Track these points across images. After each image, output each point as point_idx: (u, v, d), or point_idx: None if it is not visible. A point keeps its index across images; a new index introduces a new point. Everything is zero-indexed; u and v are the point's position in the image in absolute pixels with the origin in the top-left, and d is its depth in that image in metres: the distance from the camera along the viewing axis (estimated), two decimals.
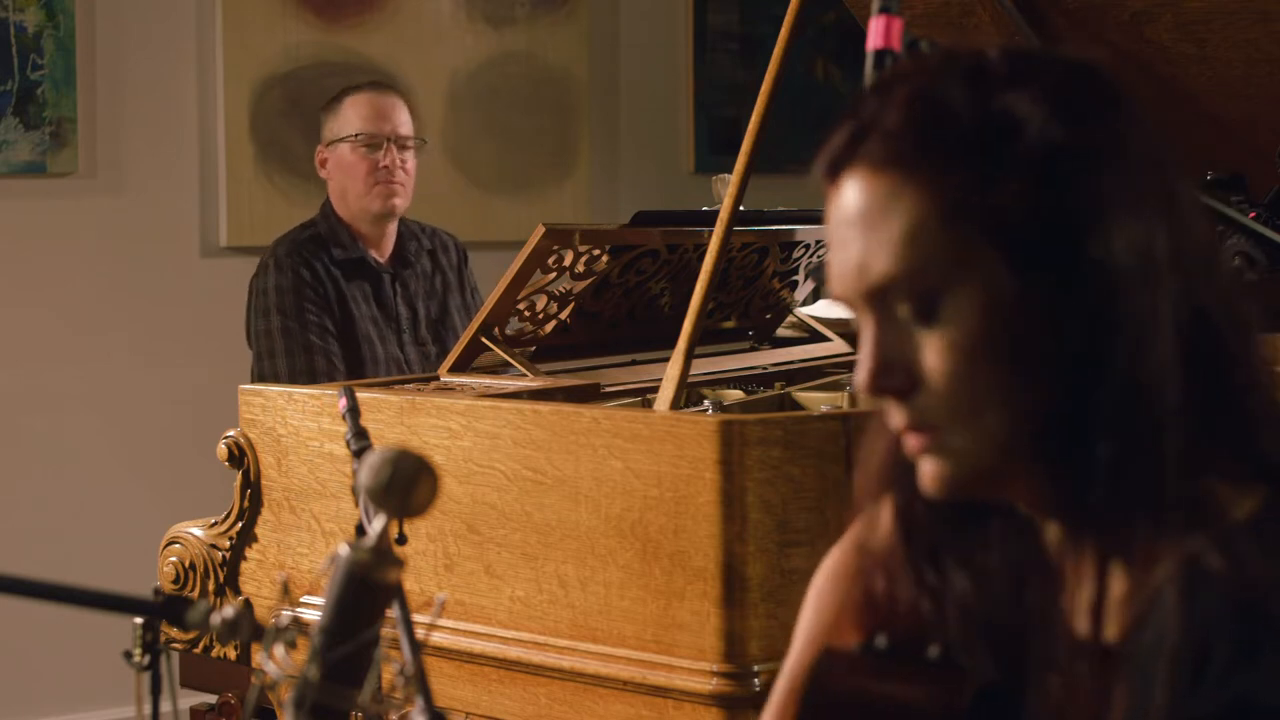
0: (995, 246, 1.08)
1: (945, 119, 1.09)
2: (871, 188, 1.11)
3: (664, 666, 2.28)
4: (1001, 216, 1.07)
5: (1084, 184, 1.08)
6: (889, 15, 1.58)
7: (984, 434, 1.10)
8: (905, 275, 1.10)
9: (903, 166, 1.10)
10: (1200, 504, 1.06)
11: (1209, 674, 1.00)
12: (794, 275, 3.40)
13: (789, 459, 2.25)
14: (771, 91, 2.55)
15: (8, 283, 4.46)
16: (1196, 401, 1.08)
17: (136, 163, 4.62)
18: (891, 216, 1.10)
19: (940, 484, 1.13)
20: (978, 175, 1.08)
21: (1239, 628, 1.00)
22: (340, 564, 1.20)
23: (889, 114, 1.11)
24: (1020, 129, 1.08)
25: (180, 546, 2.87)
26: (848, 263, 1.13)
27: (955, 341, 1.09)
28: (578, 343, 3.04)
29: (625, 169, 5.61)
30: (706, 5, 5.71)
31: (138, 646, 1.56)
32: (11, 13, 4.36)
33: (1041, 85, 1.10)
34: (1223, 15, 2.65)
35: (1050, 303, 1.07)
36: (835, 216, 1.15)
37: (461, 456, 2.48)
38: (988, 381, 1.09)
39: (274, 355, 3.58)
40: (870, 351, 1.12)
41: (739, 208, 2.57)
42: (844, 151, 1.13)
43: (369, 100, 3.74)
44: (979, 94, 1.10)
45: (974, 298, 1.08)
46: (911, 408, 1.11)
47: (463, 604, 2.49)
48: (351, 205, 3.71)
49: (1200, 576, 1.03)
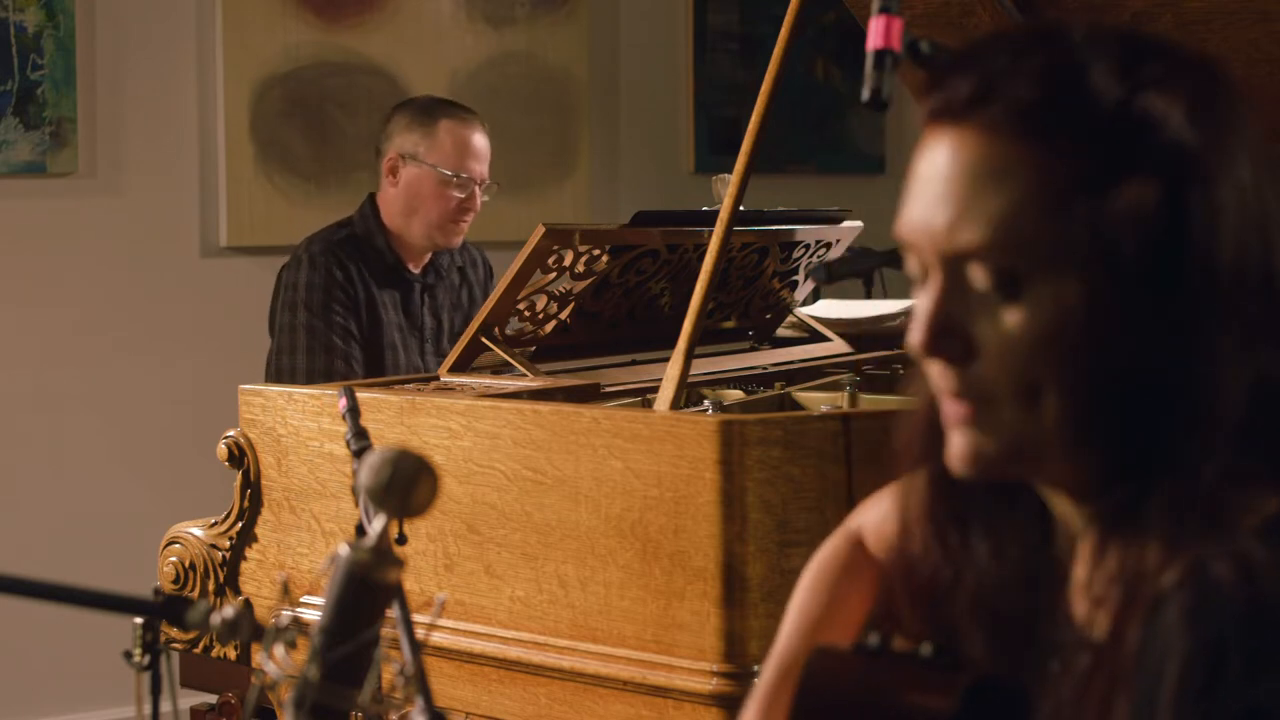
0: (1097, 239, 1.05)
1: (1082, 101, 1.06)
2: (985, 151, 1.07)
3: (664, 666, 2.28)
4: (1112, 211, 1.05)
5: (1207, 190, 1.05)
6: (889, 15, 1.58)
7: (1035, 417, 1.08)
8: (997, 249, 1.06)
9: (1025, 139, 1.06)
10: (1218, 508, 1.05)
11: (1222, 682, 0.98)
12: (794, 275, 3.40)
13: (789, 459, 2.25)
14: (771, 91, 2.55)
15: (8, 283, 4.46)
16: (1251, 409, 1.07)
17: (136, 163, 4.62)
18: (1000, 186, 1.06)
19: (973, 459, 1.11)
20: (1098, 164, 1.05)
21: (1251, 636, 0.99)
22: (340, 564, 1.20)
23: (1021, 80, 1.07)
24: (1158, 127, 1.05)
25: (180, 546, 2.87)
26: (935, 219, 1.09)
27: (1033, 325, 1.06)
28: (578, 343, 3.04)
29: (625, 169, 5.61)
30: (706, 5, 5.71)
31: (138, 646, 1.56)
32: (11, 13, 4.36)
33: (1185, 85, 1.07)
34: (1223, 15, 2.65)
35: (1139, 304, 1.05)
36: (932, 166, 1.10)
37: (461, 456, 2.48)
38: (1055, 369, 1.06)
39: (294, 351, 3.57)
40: (932, 312, 1.09)
41: (739, 208, 2.57)
42: (964, 105, 1.08)
43: (473, 140, 3.66)
44: (1124, 84, 1.06)
45: (1064, 288, 1.06)
46: (964, 376, 1.09)
47: (463, 604, 2.49)
48: (414, 228, 3.65)
49: (1210, 583, 1.01)
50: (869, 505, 1.46)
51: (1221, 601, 1.00)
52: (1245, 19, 2.64)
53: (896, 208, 1.14)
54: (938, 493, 1.20)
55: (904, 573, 1.24)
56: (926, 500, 1.21)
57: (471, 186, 3.64)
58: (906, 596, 1.25)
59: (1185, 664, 1.00)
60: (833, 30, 5.82)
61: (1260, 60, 2.67)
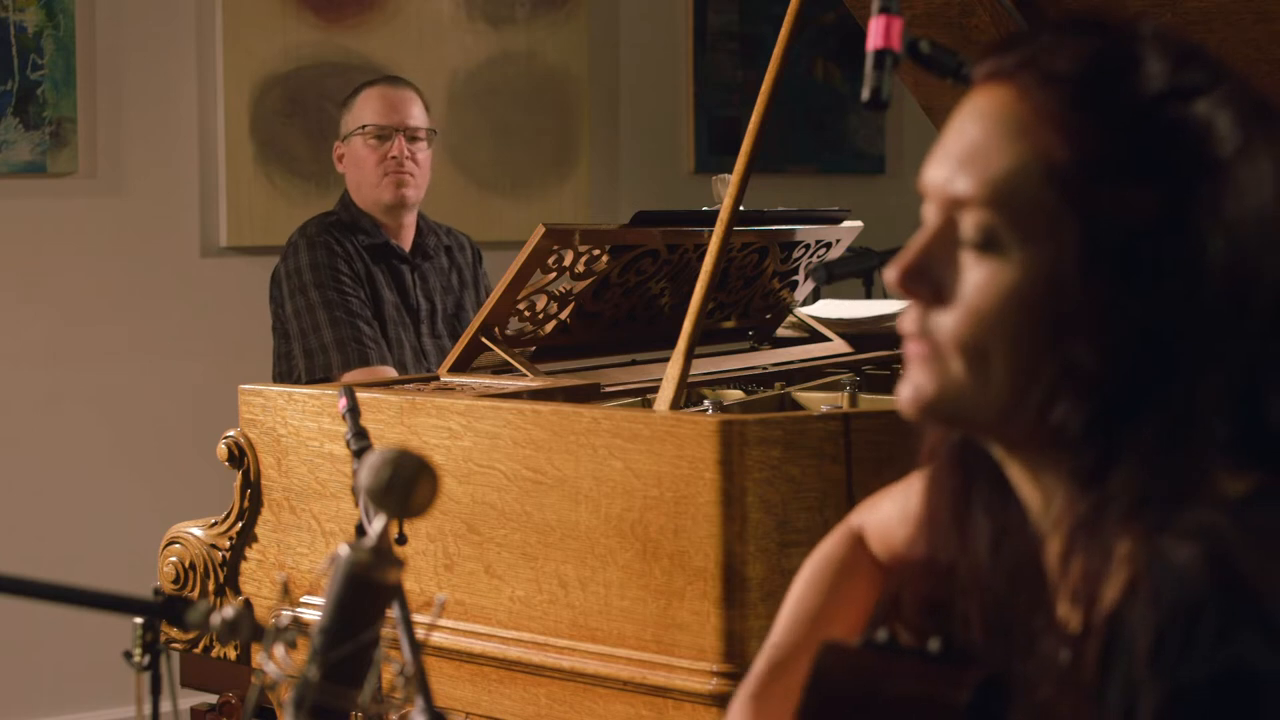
0: (1084, 227, 1.06)
1: (1128, 90, 1.07)
2: (1011, 109, 1.09)
3: (664, 666, 2.28)
4: (1112, 205, 1.06)
5: (1217, 208, 1.06)
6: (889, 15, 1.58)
7: (981, 381, 1.09)
8: (985, 203, 1.09)
9: (1052, 107, 1.08)
10: (1187, 493, 1.06)
11: (1194, 646, 0.99)
12: (794, 275, 3.40)
13: (789, 459, 2.25)
14: (771, 91, 2.55)
15: (8, 283, 4.46)
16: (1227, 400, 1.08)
17: (136, 163, 4.63)
18: (1011, 144, 1.08)
19: (914, 401, 1.13)
20: (1121, 155, 1.06)
21: (1221, 603, 1.00)
22: (340, 564, 1.20)
23: (1069, 54, 1.09)
24: (1197, 136, 1.06)
25: (180, 546, 2.87)
26: (946, 161, 1.12)
27: (995, 283, 1.08)
28: (578, 343, 3.04)
29: (625, 169, 5.61)
30: (706, 5, 5.71)
31: (138, 646, 1.56)
32: (11, 13, 4.36)
33: (1232, 102, 1.08)
34: (1223, 15, 2.65)
35: (1105, 308, 1.06)
36: (961, 119, 1.13)
37: (461, 456, 2.48)
38: (1007, 335, 1.08)
39: (318, 328, 3.59)
40: (914, 249, 1.12)
41: (739, 208, 2.57)
42: (1011, 68, 1.10)
43: (380, 94, 3.79)
44: (1175, 85, 1.07)
45: (1033, 261, 1.07)
46: (927, 319, 1.11)
47: (463, 604, 2.49)
48: (365, 197, 3.75)
49: (1179, 557, 1.02)
50: (871, 504, 1.46)
51: (1190, 573, 1.01)
52: (1245, 19, 2.64)
53: (896, 208, 1.16)
54: (948, 484, 1.21)
55: (911, 565, 1.25)
56: (938, 492, 1.23)
57: (392, 134, 3.73)
58: (912, 589, 1.25)
59: (1157, 633, 1.01)
60: (833, 30, 5.82)
61: (1260, 60, 2.67)
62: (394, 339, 3.66)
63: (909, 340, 1.13)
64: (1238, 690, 0.98)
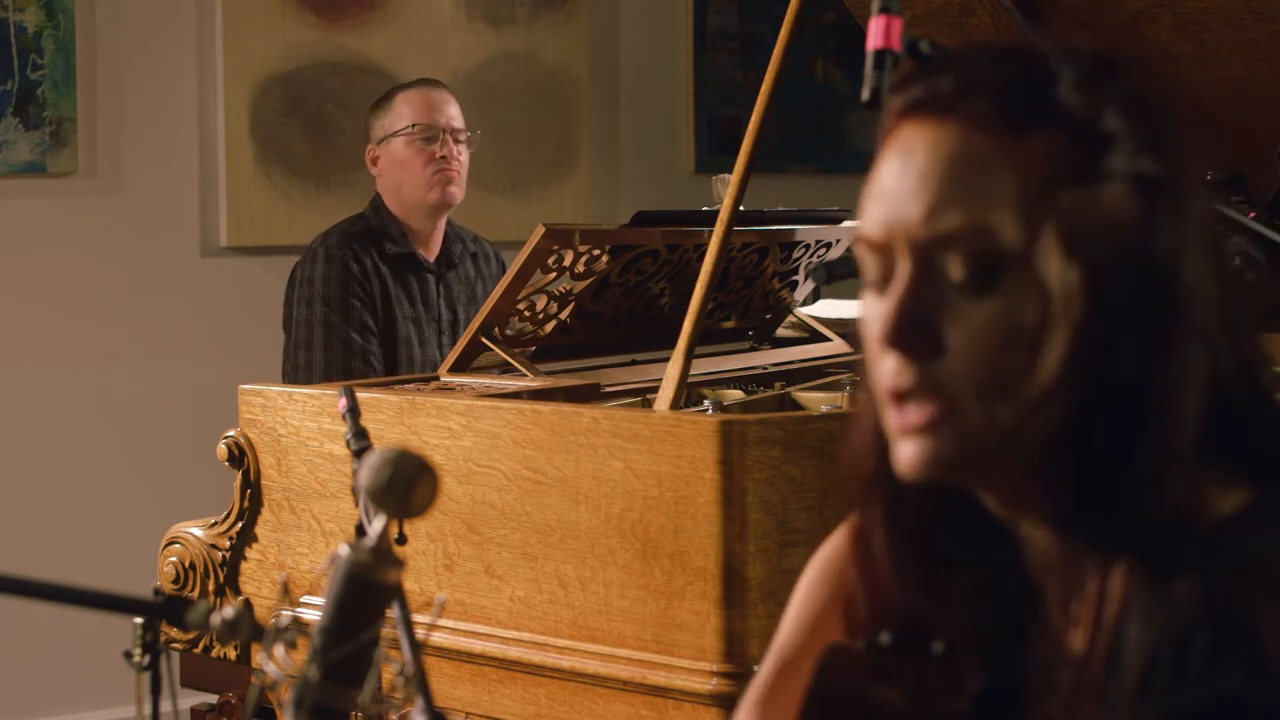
0: (1079, 237, 1.05)
1: (1055, 107, 1.07)
2: (966, 142, 1.06)
3: (664, 666, 2.28)
4: (1095, 213, 1.06)
5: (1172, 210, 1.07)
6: (889, 15, 1.58)
7: (996, 418, 1.06)
8: (980, 233, 1.05)
9: (1007, 132, 1.06)
10: (1178, 514, 1.05)
11: (1187, 674, 0.99)
12: (794, 275, 3.40)
13: (789, 459, 2.25)
14: (771, 91, 2.55)
15: (7, 282, 4.46)
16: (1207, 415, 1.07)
17: (136, 163, 4.62)
18: (982, 175, 1.06)
19: (928, 461, 1.08)
20: (1081, 165, 1.06)
21: (1213, 631, 0.99)
22: (340, 564, 1.20)
23: (1002, 80, 1.08)
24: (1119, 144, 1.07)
25: (180, 546, 2.87)
26: (911, 210, 1.07)
27: (1001, 320, 1.05)
28: (578, 343, 3.04)
29: (625, 169, 5.61)
30: (706, 5, 5.71)
31: (138, 646, 1.56)
32: (11, 13, 4.36)
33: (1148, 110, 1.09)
34: (1223, 15, 2.65)
35: (1099, 310, 1.06)
36: (908, 160, 1.08)
37: (461, 456, 2.48)
38: (1022, 368, 1.05)
39: (311, 346, 3.58)
40: (903, 300, 1.07)
41: (739, 208, 2.57)
42: (947, 98, 1.08)
43: (422, 95, 3.76)
44: (1091, 97, 1.08)
45: (1032, 285, 1.05)
46: (927, 373, 1.06)
47: (463, 604, 2.49)
48: (407, 199, 3.71)
49: (1171, 586, 1.02)
50: None
51: (1182, 602, 1.01)
52: (1245, 19, 2.65)
53: None
54: (897, 533, 1.18)
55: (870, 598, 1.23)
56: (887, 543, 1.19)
57: (438, 134, 3.70)
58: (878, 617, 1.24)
59: (1150, 661, 1.01)
60: (833, 30, 5.82)
61: (1260, 60, 2.67)
62: (404, 358, 3.64)
63: (911, 402, 1.08)
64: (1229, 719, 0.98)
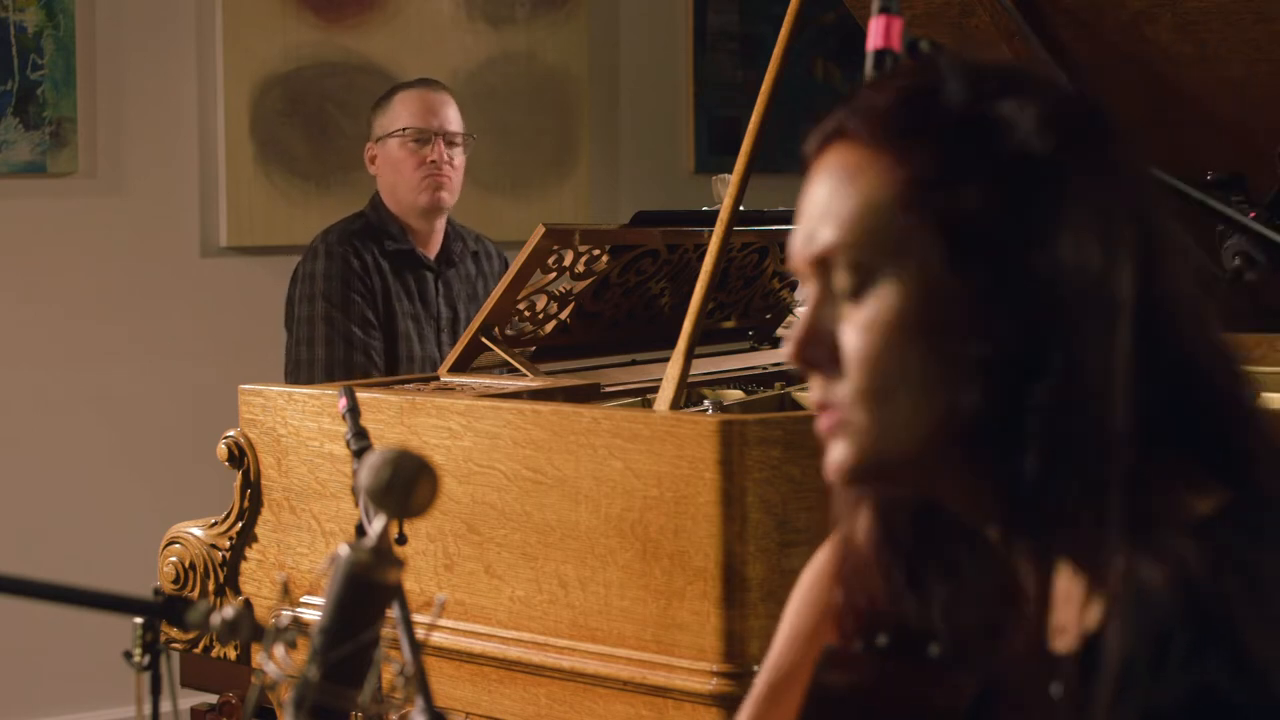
0: (941, 236, 1.07)
1: (934, 107, 1.10)
2: (842, 160, 1.11)
3: (664, 666, 2.28)
4: (956, 209, 1.07)
5: (1051, 199, 1.07)
6: (889, 15, 1.58)
7: (889, 421, 1.09)
8: (846, 246, 1.09)
9: (876, 143, 1.10)
10: (1151, 512, 1.05)
11: (1164, 670, 1.00)
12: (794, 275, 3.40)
13: (789, 459, 2.25)
14: (771, 91, 2.55)
15: (8, 283, 4.46)
16: (1154, 416, 1.07)
17: (136, 163, 4.63)
18: (852, 188, 1.10)
19: (837, 468, 1.13)
20: (945, 163, 1.08)
21: (1190, 628, 1.00)
22: (340, 564, 1.20)
23: (881, 96, 1.12)
24: (1005, 132, 1.08)
25: (180, 546, 2.87)
26: (800, 232, 1.13)
27: (874, 321, 1.08)
28: (578, 343, 3.04)
29: (625, 169, 5.61)
30: (706, 5, 5.71)
31: (138, 646, 1.56)
32: (11, 13, 4.36)
33: (1038, 100, 1.10)
34: (1222, 15, 2.65)
35: (981, 304, 1.07)
36: (806, 190, 1.14)
37: (461, 456, 2.48)
38: (901, 368, 1.08)
39: (313, 342, 3.59)
40: (803, 322, 1.12)
41: (739, 208, 2.57)
42: (830, 132, 1.13)
43: (418, 96, 3.76)
44: (975, 94, 1.10)
45: (905, 282, 1.08)
46: (829, 386, 1.11)
47: (463, 604, 2.49)
48: (401, 200, 3.73)
49: (1146, 586, 1.02)
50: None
51: (1160, 600, 1.01)
52: (1245, 19, 2.65)
53: None
54: (884, 541, 1.20)
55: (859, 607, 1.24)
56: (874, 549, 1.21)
57: (432, 138, 3.71)
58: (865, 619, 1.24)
59: (1125, 662, 1.01)
60: (833, 30, 5.82)
61: (1260, 60, 2.67)
62: (404, 354, 3.65)
63: (820, 415, 1.13)
64: (1207, 713, 0.99)
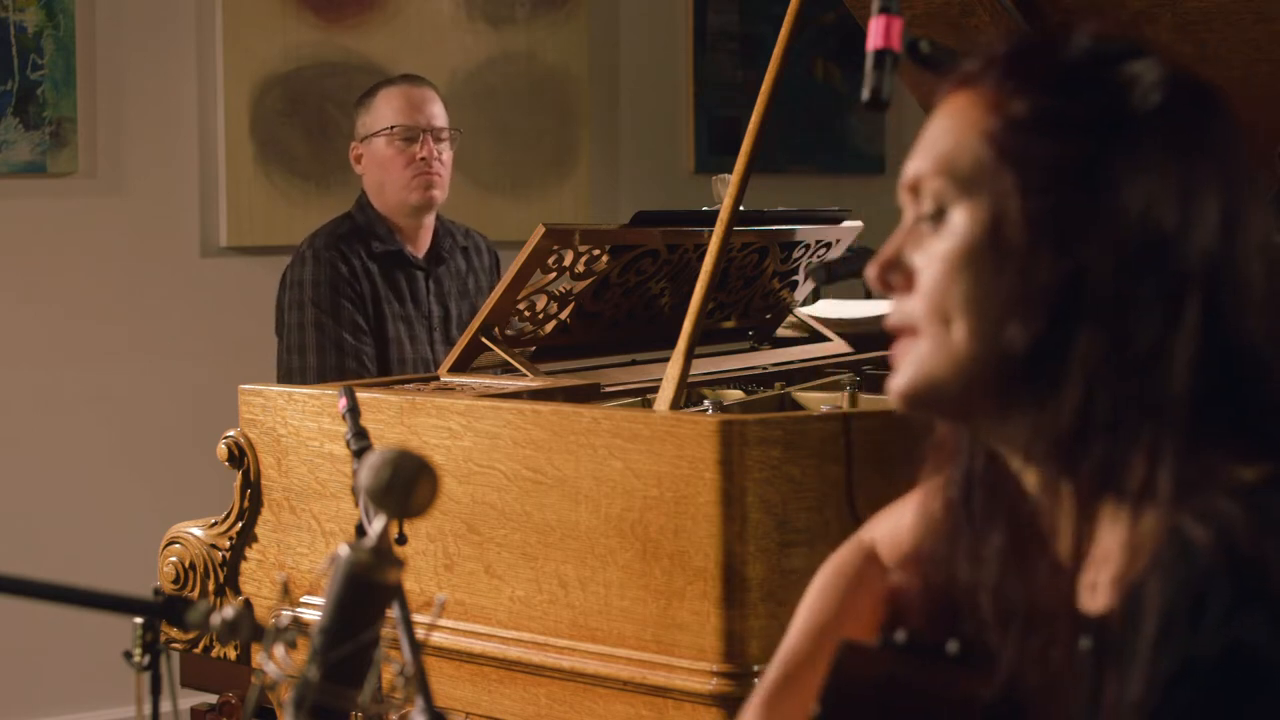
0: (1018, 173, 1.12)
1: (1052, 58, 1.15)
2: (957, 102, 1.17)
3: (664, 666, 2.28)
4: (1039, 151, 1.12)
5: (1141, 155, 1.11)
6: (889, 15, 1.58)
7: (946, 346, 1.14)
8: (932, 174, 1.15)
9: (987, 84, 1.15)
10: (1199, 472, 1.08)
11: (1202, 625, 1.01)
12: (794, 275, 3.40)
13: (789, 459, 2.25)
14: (771, 91, 2.55)
15: (8, 283, 4.46)
16: (1209, 383, 1.09)
17: (136, 163, 4.62)
18: (952, 123, 1.16)
19: (899, 392, 1.17)
20: (1045, 108, 1.13)
21: (1229, 584, 1.02)
22: (340, 564, 1.20)
23: (1006, 46, 1.18)
24: (1120, 88, 1.12)
25: (180, 546, 2.87)
26: (911, 162, 1.19)
27: (946, 248, 1.14)
28: (578, 343, 3.04)
29: (625, 169, 5.61)
30: (706, 5, 5.71)
31: (138, 646, 1.56)
32: (11, 13, 4.36)
33: (1160, 67, 1.14)
34: (1223, 15, 2.65)
35: (1046, 242, 1.11)
36: (928, 122, 1.20)
37: (461, 456, 2.48)
38: (962, 295, 1.13)
39: (304, 350, 3.57)
40: (887, 246, 1.18)
41: (739, 208, 2.57)
42: (962, 74, 1.18)
43: (403, 93, 3.73)
44: (1100, 50, 1.14)
45: (978, 213, 1.13)
46: (900, 308, 1.17)
47: (463, 604, 2.49)
48: (389, 199, 3.71)
49: (1188, 542, 1.04)
50: (884, 517, 1.46)
51: (1199, 558, 1.03)
52: (1245, 19, 2.64)
53: (896, 208, 1.20)
54: (964, 490, 1.24)
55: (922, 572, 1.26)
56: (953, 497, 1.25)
57: (418, 134, 3.69)
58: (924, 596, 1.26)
59: (1165, 614, 1.03)
60: (833, 30, 5.82)
61: (1260, 60, 2.67)
62: (395, 357, 3.63)
63: (897, 337, 1.18)
64: (1243, 669, 1.00)
